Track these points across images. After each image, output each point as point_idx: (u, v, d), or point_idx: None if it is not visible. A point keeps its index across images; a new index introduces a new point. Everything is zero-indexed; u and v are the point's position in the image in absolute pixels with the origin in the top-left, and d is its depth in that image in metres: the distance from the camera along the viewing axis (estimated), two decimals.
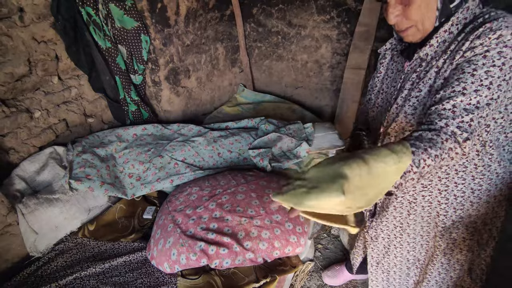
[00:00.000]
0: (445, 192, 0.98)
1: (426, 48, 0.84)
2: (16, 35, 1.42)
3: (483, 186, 0.94)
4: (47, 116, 1.67)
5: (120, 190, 1.61)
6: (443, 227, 1.04)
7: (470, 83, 0.73)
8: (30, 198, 1.40)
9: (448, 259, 1.09)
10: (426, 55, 0.86)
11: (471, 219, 1.00)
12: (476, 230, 1.02)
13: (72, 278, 1.27)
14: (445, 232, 1.05)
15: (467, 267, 1.09)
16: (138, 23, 1.76)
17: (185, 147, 1.83)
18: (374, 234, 1.26)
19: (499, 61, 0.71)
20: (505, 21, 0.72)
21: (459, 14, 0.79)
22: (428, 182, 0.99)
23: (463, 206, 0.98)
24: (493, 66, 0.71)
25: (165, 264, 1.27)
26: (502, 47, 0.71)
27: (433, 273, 1.14)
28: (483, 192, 0.95)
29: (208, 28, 2.17)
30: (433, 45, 0.83)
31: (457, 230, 1.03)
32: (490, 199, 0.96)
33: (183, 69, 2.14)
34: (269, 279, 1.23)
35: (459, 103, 0.73)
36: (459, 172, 0.93)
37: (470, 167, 0.91)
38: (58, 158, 1.64)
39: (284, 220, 1.33)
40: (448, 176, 0.95)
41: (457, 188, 0.96)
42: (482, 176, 0.92)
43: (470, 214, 0.99)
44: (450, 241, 1.06)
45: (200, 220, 1.33)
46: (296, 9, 2.13)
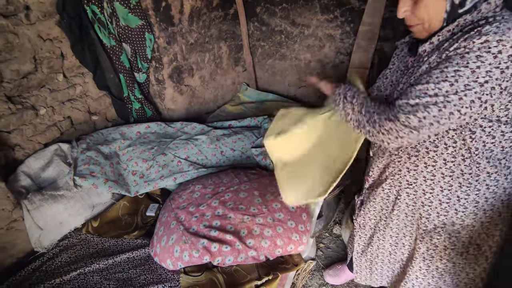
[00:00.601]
0: (429, 194, 0.97)
1: (426, 44, 0.85)
2: (22, 33, 1.44)
3: (470, 196, 0.91)
4: (52, 113, 1.68)
5: (124, 187, 1.62)
6: (425, 229, 1.03)
7: (435, 77, 0.75)
8: (35, 194, 1.42)
9: (428, 265, 1.08)
10: (424, 51, 0.87)
11: (454, 227, 0.98)
12: (458, 241, 0.99)
13: (76, 273, 1.28)
14: (426, 236, 1.04)
15: (449, 280, 1.07)
16: (142, 22, 1.77)
17: (188, 145, 1.84)
18: (362, 222, 1.28)
19: (473, 64, 0.71)
20: (498, 27, 0.71)
21: (467, 16, 0.78)
22: (413, 180, 0.99)
23: (447, 213, 0.97)
24: (465, 67, 0.72)
25: (168, 261, 1.28)
26: (483, 52, 0.70)
27: (411, 275, 1.14)
28: (469, 202, 0.92)
29: (211, 27, 2.18)
30: (433, 42, 0.84)
31: (438, 236, 1.01)
32: (478, 212, 0.93)
33: (187, 68, 2.15)
34: (271, 277, 1.24)
35: (415, 88, 0.77)
36: (445, 177, 0.92)
37: (456, 172, 0.89)
38: (62, 155, 1.66)
39: (287, 219, 1.34)
40: (434, 178, 0.94)
41: (442, 193, 0.94)
42: (469, 184, 0.90)
43: (453, 222, 0.97)
44: (431, 246, 1.05)
45: (203, 217, 1.34)
46: (300, 8, 2.12)
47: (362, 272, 1.40)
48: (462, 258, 1.02)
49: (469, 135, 0.82)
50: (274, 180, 1.51)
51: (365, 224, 1.27)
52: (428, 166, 0.93)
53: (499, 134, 0.81)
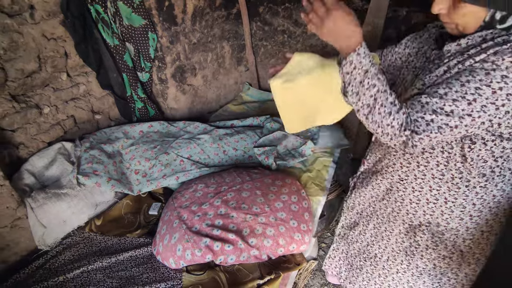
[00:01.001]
0: (418, 193, 0.97)
1: (453, 45, 0.80)
2: (27, 32, 1.44)
3: (457, 200, 0.91)
4: (56, 112, 1.69)
5: (127, 186, 1.63)
6: (410, 224, 1.04)
7: (454, 90, 0.72)
8: (39, 193, 1.42)
9: (408, 261, 1.09)
10: (448, 51, 0.81)
11: (439, 228, 0.98)
12: (441, 242, 0.99)
13: (79, 271, 1.29)
14: (410, 231, 1.05)
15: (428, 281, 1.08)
16: (145, 21, 1.77)
17: (190, 144, 1.84)
18: (351, 204, 1.29)
19: (497, 84, 0.68)
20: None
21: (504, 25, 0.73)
22: (405, 176, 0.99)
23: (433, 213, 0.97)
24: (487, 86, 0.68)
25: (171, 260, 1.29)
26: (510, 72, 0.67)
27: (391, 269, 1.16)
28: (456, 206, 0.92)
29: (214, 27, 2.18)
30: (460, 44, 0.79)
31: (422, 234, 1.02)
32: (465, 216, 0.92)
33: (190, 67, 2.16)
34: (273, 276, 1.24)
35: (433, 102, 0.74)
36: (435, 178, 0.91)
37: (447, 176, 0.89)
38: (66, 153, 1.67)
39: (289, 218, 1.34)
40: (424, 178, 0.94)
41: (431, 192, 0.94)
42: (457, 189, 0.89)
43: (438, 223, 0.97)
44: (414, 243, 1.05)
45: (206, 216, 1.34)
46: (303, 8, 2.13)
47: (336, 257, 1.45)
48: (444, 262, 1.02)
49: (469, 145, 0.81)
50: (276, 179, 1.52)
51: (353, 207, 1.28)
52: (420, 166, 0.93)
53: (499, 149, 0.79)
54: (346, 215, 1.35)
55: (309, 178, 1.66)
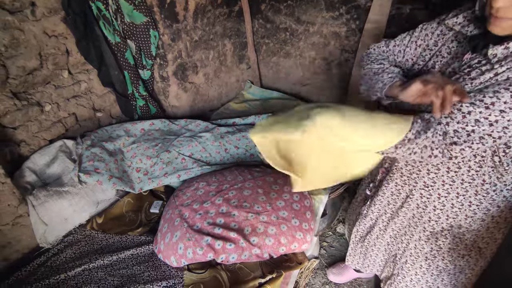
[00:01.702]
0: (444, 199, 0.95)
1: (500, 48, 0.71)
2: (28, 29, 1.44)
3: (482, 204, 0.90)
4: (57, 109, 1.69)
5: (128, 184, 1.63)
6: (431, 232, 1.02)
7: (502, 102, 0.66)
8: (40, 190, 1.42)
9: (429, 264, 1.08)
10: (494, 56, 0.73)
11: (460, 230, 0.97)
12: (462, 243, 0.99)
13: (80, 269, 1.29)
14: (432, 237, 1.03)
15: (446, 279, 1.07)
16: (147, 18, 1.76)
17: (192, 142, 1.83)
18: (365, 212, 1.28)
19: None
20: None
21: None
22: (431, 183, 0.96)
23: (456, 216, 0.96)
24: None
25: (172, 258, 1.29)
26: None
27: (410, 271, 1.15)
28: (480, 209, 0.91)
29: (216, 24, 2.17)
30: (509, 48, 0.71)
31: (444, 238, 1.01)
32: (487, 218, 0.92)
33: (191, 65, 2.15)
34: (275, 275, 1.24)
35: (476, 112, 0.68)
36: (464, 183, 0.89)
37: (477, 180, 0.87)
38: (67, 151, 1.67)
39: (291, 217, 1.33)
40: (453, 184, 0.91)
41: (457, 198, 0.92)
42: (485, 194, 0.88)
43: (460, 225, 0.96)
44: (435, 247, 1.04)
45: (207, 215, 1.34)
46: (305, 6, 2.11)
47: (356, 257, 1.42)
48: (463, 260, 1.02)
49: (503, 149, 0.77)
50: (278, 178, 1.51)
51: (367, 215, 1.27)
52: (450, 171, 0.90)
53: None
54: (359, 221, 1.33)
55: None
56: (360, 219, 1.32)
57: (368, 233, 1.29)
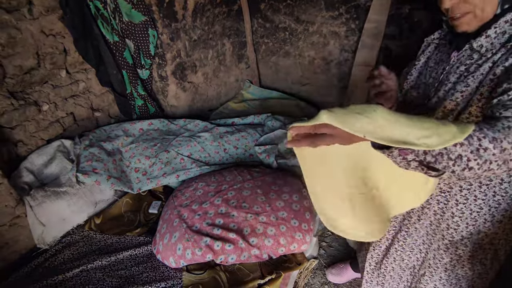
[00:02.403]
0: (462, 205, 0.90)
1: (482, 38, 0.73)
2: (25, 28, 1.43)
3: (501, 205, 0.85)
4: (55, 109, 1.68)
5: (127, 185, 1.62)
6: (451, 241, 0.98)
7: None
8: (37, 191, 1.41)
9: (449, 274, 1.04)
10: (480, 47, 0.74)
11: (479, 235, 0.93)
12: (481, 248, 0.95)
13: (78, 270, 1.28)
14: (451, 246, 0.99)
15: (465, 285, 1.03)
16: (146, 17, 1.75)
17: (191, 142, 1.83)
18: None
19: None
20: None
21: None
22: (448, 189, 0.91)
23: (475, 222, 0.91)
24: None
25: (171, 259, 1.28)
26: None
27: (428, 284, 1.09)
28: (499, 211, 0.87)
29: (215, 23, 2.16)
30: (490, 36, 0.72)
31: (464, 247, 0.96)
32: (504, 219, 0.88)
33: (190, 64, 2.14)
34: (274, 275, 1.23)
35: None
36: (482, 186, 0.84)
37: (495, 181, 0.82)
38: (65, 151, 1.65)
39: (290, 217, 1.33)
40: (470, 188, 0.86)
41: (475, 202, 0.87)
42: (504, 194, 0.83)
43: (479, 230, 0.92)
44: (455, 257, 0.99)
45: (206, 215, 1.33)
46: (304, 5, 2.10)
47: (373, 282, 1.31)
48: (481, 264, 0.98)
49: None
50: (277, 178, 1.51)
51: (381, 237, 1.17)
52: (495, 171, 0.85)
53: None
54: (373, 245, 1.23)
55: None
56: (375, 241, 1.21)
57: (385, 256, 1.19)
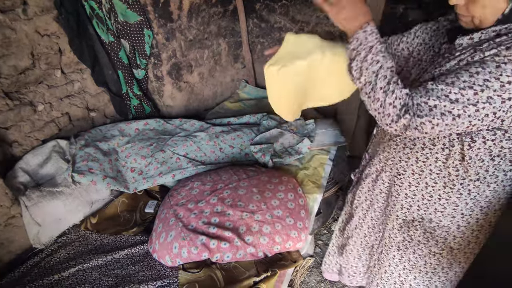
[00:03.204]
0: (414, 188, 0.98)
1: (465, 38, 0.79)
2: (20, 28, 1.42)
3: (451, 198, 0.92)
4: (50, 109, 1.68)
5: (122, 184, 1.62)
6: (404, 219, 1.05)
7: (462, 80, 0.71)
8: (33, 191, 1.41)
9: (401, 255, 1.11)
10: (460, 45, 0.80)
11: (431, 224, 0.99)
12: (433, 238, 1.00)
13: (74, 270, 1.28)
14: (404, 226, 1.06)
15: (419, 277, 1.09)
16: (141, 18, 1.76)
17: (187, 142, 1.83)
18: (351, 198, 1.29)
19: (507, 78, 0.66)
20: None
21: None
22: (403, 171, 1.00)
23: (427, 209, 0.98)
24: (496, 79, 0.67)
25: (167, 258, 1.28)
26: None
27: (384, 262, 1.18)
28: (449, 204, 0.92)
29: (211, 23, 2.16)
30: (473, 38, 0.78)
31: (415, 229, 1.03)
32: (456, 214, 0.93)
33: (186, 64, 2.14)
34: (269, 273, 1.24)
35: (437, 87, 0.73)
36: (432, 174, 0.92)
37: (444, 172, 0.89)
38: (61, 151, 1.65)
39: (285, 216, 1.34)
40: (421, 174, 0.95)
41: (426, 189, 0.95)
42: (452, 186, 0.90)
43: (431, 219, 0.98)
44: (407, 237, 1.07)
45: (202, 214, 1.34)
46: (299, 5, 2.11)
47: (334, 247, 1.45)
48: (434, 258, 1.03)
49: (469, 143, 0.81)
50: (273, 177, 1.52)
51: (352, 201, 1.29)
52: (419, 161, 0.94)
53: (498, 148, 0.79)
54: (344, 209, 1.36)
55: (306, 175, 1.66)
56: (345, 206, 1.35)
57: (348, 222, 1.31)
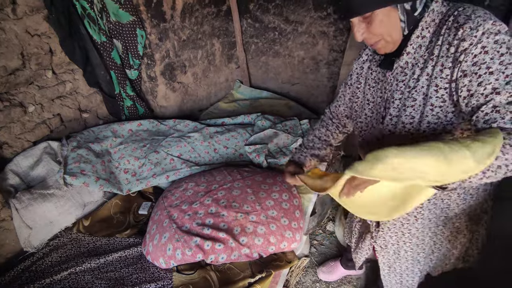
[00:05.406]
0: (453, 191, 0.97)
1: (404, 56, 0.84)
2: (9, 28, 1.40)
3: None
4: (41, 110, 1.65)
5: (116, 186, 1.60)
6: (446, 216, 1.04)
7: (494, 80, 0.69)
8: (24, 193, 1.39)
9: (453, 243, 1.11)
10: (406, 64, 0.85)
11: (471, 208, 1.02)
12: (475, 215, 1.04)
13: (66, 273, 1.26)
14: (448, 222, 1.05)
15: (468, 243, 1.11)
16: (133, 17, 1.74)
17: (181, 142, 1.82)
18: (383, 242, 1.21)
19: (502, 49, 0.69)
20: (479, 16, 0.72)
21: (426, 18, 0.79)
22: None
23: (464, 201, 0.99)
24: (502, 55, 0.69)
25: (161, 260, 1.27)
26: (494, 37, 0.70)
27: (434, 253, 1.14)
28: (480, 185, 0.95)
29: (204, 23, 2.16)
30: (410, 52, 0.83)
31: (459, 220, 1.04)
32: (487, 186, 0.98)
33: (179, 65, 2.13)
34: (264, 274, 1.24)
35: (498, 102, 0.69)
36: None
37: None
38: (52, 153, 1.63)
39: (280, 216, 1.34)
40: None
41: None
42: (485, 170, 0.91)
43: (471, 205, 1.01)
44: (454, 229, 1.07)
45: (196, 215, 1.33)
46: (293, 5, 2.12)
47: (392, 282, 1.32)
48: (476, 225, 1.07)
49: None
50: (267, 177, 1.51)
51: (386, 244, 1.20)
52: None
53: None
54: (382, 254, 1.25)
55: None
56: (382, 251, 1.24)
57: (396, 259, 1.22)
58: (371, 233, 1.24)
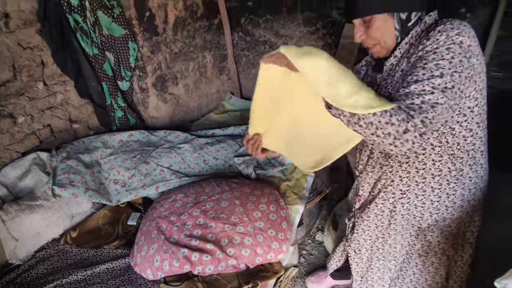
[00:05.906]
0: (422, 197, 1.02)
1: (391, 59, 0.93)
2: (1, 41, 1.42)
3: (457, 191, 0.98)
4: (31, 121, 1.66)
5: (105, 197, 1.61)
6: (419, 227, 1.08)
7: (421, 74, 0.77)
8: (11, 205, 1.38)
9: (423, 261, 1.12)
10: (392, 65, 0.94)
11: (445, 222, 1.04)
12: (450, 234, 1.06)
13: (53, 285, 1.26)
14: (420, 233, 1.09)
15: (443, 272, 1.12)
16: (126, 31, 1.78)
17: (171, 153, 1.84)
18: (357, 246, 1.25)
19: (448, 55, 0.76)
20: (451, 23, 0.79)
21: (417, 28, 0.88)
22: (406, 188, 1.02)
23: (438, 211, 1.02)
24: (442, 60, 0.76)
25: (148, 271, 1.28)
26: (450, 44, 0.77)
27: (408, 271, 1.17)
28: (457, 197, 0.99)
29: (196, 37, 2.20)
30: (397, 56, 0.92)
31: (432, 233, 1.07)
32: (464, 203, 1.00)
33: (171, 76, 2.16)
34: (251, 285, 1.25)
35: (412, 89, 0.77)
36: (435, 177, 0.97)
37: (444, 170, 0.95)
38: (41, 164, 1.63)
39: (267, 227, 1.36)
40: (425, 181, 0.98)
41: (433, 192, 0.99)
42: (456, 180, 0.96)
43: (445, 217, 1.03)
44: (425, 243, 1.09)
45: (184, 226, 1.34)
46: (283, 20, 2.18)
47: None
48: (453, 249, 1.08)
49: (450, 132, 0.88)
50: (255, 189, 1.54)
51: (360, 248, 1.24)
52: (419, 170, 0.97)
53: (475, 126, 0.88)
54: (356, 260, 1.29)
55: (288, 187, 1.69)
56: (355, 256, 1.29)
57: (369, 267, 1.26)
58: (346, 236, 1.29)
